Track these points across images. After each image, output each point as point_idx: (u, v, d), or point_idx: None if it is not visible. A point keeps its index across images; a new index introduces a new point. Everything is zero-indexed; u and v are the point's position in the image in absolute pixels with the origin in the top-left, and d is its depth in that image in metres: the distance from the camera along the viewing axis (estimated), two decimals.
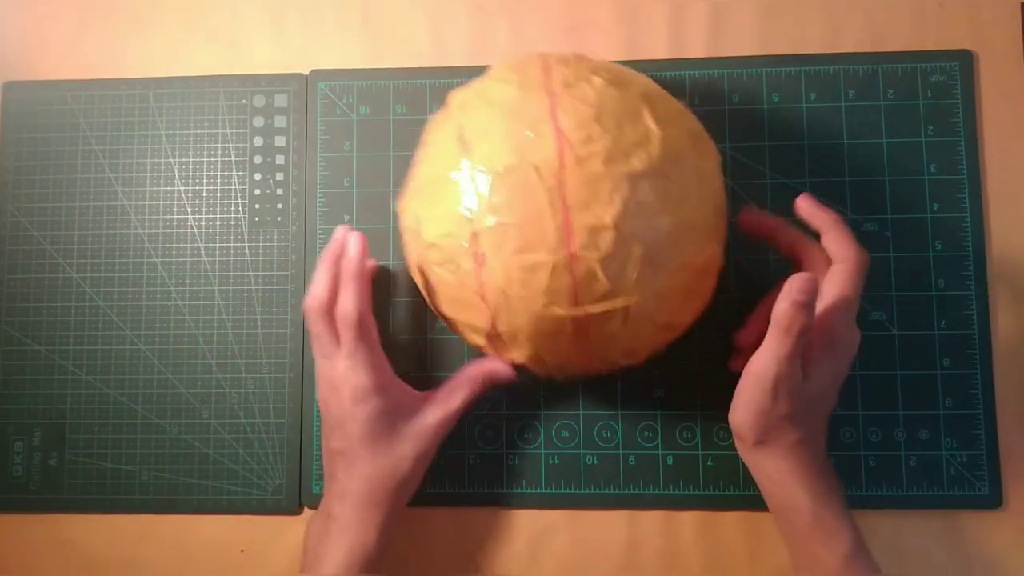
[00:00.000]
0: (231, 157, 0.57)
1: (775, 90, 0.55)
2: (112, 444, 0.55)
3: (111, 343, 0.56)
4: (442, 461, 0.53)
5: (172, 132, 0.57)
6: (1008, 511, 0.52)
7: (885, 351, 0.53)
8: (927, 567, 0.51)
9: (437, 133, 0.47)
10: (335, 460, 0.48)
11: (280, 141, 0.57)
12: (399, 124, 0.56)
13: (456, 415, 0.49)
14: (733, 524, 0.52)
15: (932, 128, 0.54)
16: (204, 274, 0.56)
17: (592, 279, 0.42)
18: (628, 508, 0.53)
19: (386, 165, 0.56)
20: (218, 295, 0.56)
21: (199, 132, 0.57)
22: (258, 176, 0.57)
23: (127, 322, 0.56)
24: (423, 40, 0.57)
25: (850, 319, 0.46)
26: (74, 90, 0.58)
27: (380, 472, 0.46)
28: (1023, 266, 0.53)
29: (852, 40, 0.55)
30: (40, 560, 0.54)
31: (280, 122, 0.57)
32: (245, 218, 0.56)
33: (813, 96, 0.55)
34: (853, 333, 0.46)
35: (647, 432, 0.53)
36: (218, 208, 0.56)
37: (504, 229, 0.42)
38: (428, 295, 0.48)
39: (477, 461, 0.53)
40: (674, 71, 0.55)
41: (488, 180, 0.42)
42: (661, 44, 0.56)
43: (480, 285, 0.43)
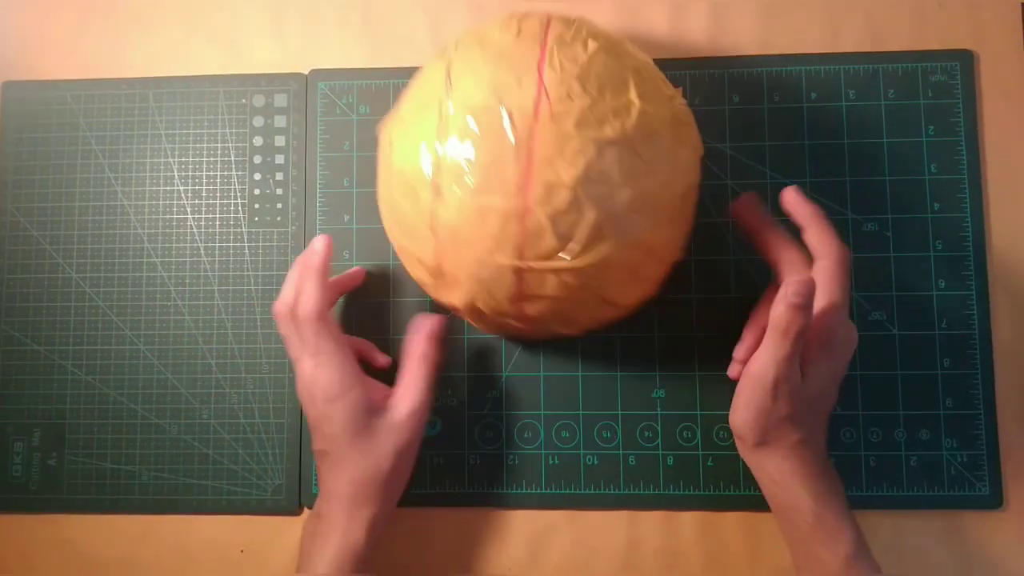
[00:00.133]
0: (231, 157, 0.57)
1: (775, 90, 0.55)
2: (112, 444, 0.55)
3: (111, 343, 0.56)
4: (442, 461, 0.53)
5: (172, 132, 0.57)
6: (1008, 511, 0.52)
7: (885, 351, 0.53)
8: (927, 567, 0.51)
9: (429, 67, 0.47)
10: (321, 460, 0.48)
11: (280, 141, 0.57)
12: None
13: (424, 400, 0.48)
14: (733, 524, 0.52)
15: (932, 128, 0.54)
16: (204, 274, 0.56)
17: (540, 234, 0.42)
18: (628, 508, 0.53)
19: None
20: (218, 295, 0.56)
21: (199, 132, 0.57)
22: (258, 176, 0.57)
23: (127, 322, 0.56)
24: (423, 40, 0.57)
25: (844, 316, 0.46)
26: (74, 90, 0.58)
27: (362, 471, 0.46)
28: (1023, 266, 0.53)
29: (852, 40, 0.55)
30: (40, 560, 0.54)
31: (280, 122, 0.57)
32: (245, 218, 0.56)
33: (813, 96, 0.55)
34: (849, 331, 0.46)
35: (647, 432, 0.53)
36: (218, 208, 0.56)
37: (466, 166, 0.42)
38: (386, 221, 0.49)
39: (477, 461, 0.53)
40: (674, 71, 0.55)
41: (461, 116, 0.43)
42: (661, 44, 0.56)
43: (433, 218, 0.44)
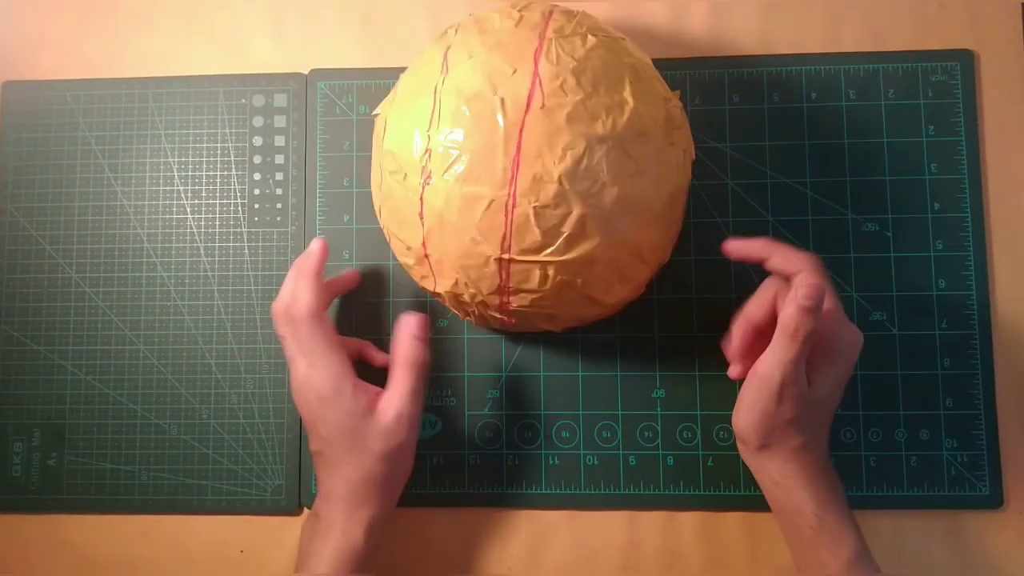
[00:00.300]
0: (230, 157, 0.57)
1: (775, 90, 0.55)
2: (112, 444, 0.55)
3: (111, 343, 0.55)
4: (442, 461, 0.53)
5: (172, 132, 0.57)
6: (1008, 511, 0.52)
7: (885, 351, 0.53)
8: (928, 567, 0.51)
9: (428, 49, 0.47)
10: (317, 461, 0.48)
11: (280, 141, 0.57)
12: None
13: (411, 403, 0.47)
14: (733, 525, 0.52)
15: (933, 128, 0.54)
16: (204, 274, 0.56)
17: (525, 227, 0.42)
18: (628, 508, 0.53)
19: None
20: (217, 295, 0.56)
21: (198, 132, 0.57)
22: (258, 176, 0.57)
23: (127, 322, 0.56)
24: (423, 40, 0.57)
25: (845, 320, 0.46)
26: (73, 90, 0.58)
27: (357, 473, 0.46)
28: (1023, 266, 0.53)
29: (852, 40, 0.55)
30: (40, 560, 0.54)
31: (280, 122, 0.57)
32: (245, 218, 0.56)
33: (813, 96, 0.55)
34: (853, 334, 0.46)
35: (647, 432, 0.53)
36: (217, 208, 0.56)
37: (456, 153, 0.42)
38: (376, 203, 0.49)
39: (477, 461, 0.53)
40: (674, 70, 0.55)
41: (455, 102, 0.43)
42: (661, 44, 0.56)
43: (421, 203, 0.44)
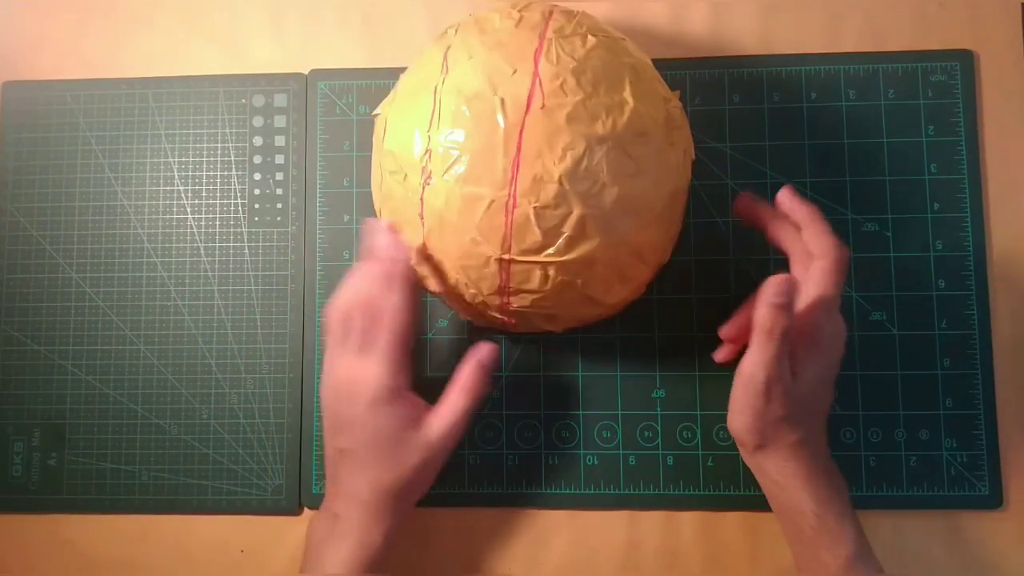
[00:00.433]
0: (231, 157, 0.57)
1: (775, 90, 0.55)
2: (112, 444, 0.55)
3: (111, 343, 0.55)
4: None
5: (172, 132, 0.57)
6: (1008, 511, 0.52)
7: (885, 351, 0.53)
8: (927, 567, 0.51)
9: (428, 49, 0.47)
10: (341, 459, 0.47)
11: (280, 141, 0.57)
12: None
13: (460, 427, 0.47)
14: (733, 524, 0.52)
15: (932, 128, 0.54)
16: (204, 274, 0.56)
17: (525, 228, 0.42)
18: (628, 508, 0.53)
19: None
20: (218, 295, 0.56)
21: (199, 132, 0.57)
22: (258, 176, 0.57)
23: (127, 322, 0.56)
24: (423, 40, 0.57)
25: (832, 313, 0.46)
26: (74, 90, 0.58)
27: (388, 481, 0.46)
28: (1023, 266, 0.53)
29: (852, 40, 0.55)
30: (40, 560, 0.54)
31: (280, 122, 0.57)
32: (245, 218, 0.56)
33: (813, 96, 0.55)
34: (837, 326, 0.46)
35: (647, 432, 0.53)
36: (218, 208, 0.56)
37: (456, 153, 0.42)
38: (376, 202, 0.49)
39: (477, 461, 0.53)
40: (674, 70, 0.55)
41: (454, 102, 0.43)
42: (661, 44, 0.56)
43: (421, 203, 0.44)
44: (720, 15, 0.56)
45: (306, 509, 0.54)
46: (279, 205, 0.56)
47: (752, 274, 0.53)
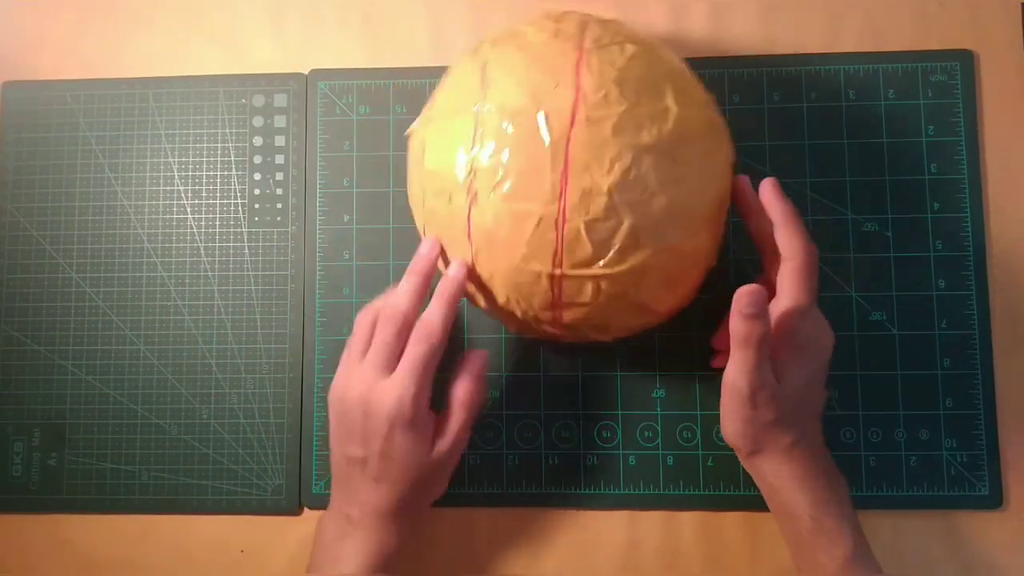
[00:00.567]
0: (231, 157, 0.57)
1: (775, 90, 0.55)
2: (112, 444, 0.55)
3: (111, 343, 0.55)
4: None
5: (172, 132, 0.57)
6: (1008, 511, 0.52)
7: (885, 351, 0.53)
8: (927, 567, 0.51)
9: (462, 65, 0.46)
10: (353, 467, 0.46)
11: (280, 141, 0.57)
12: (399, 124, 0.56)
13: (462, 443, 0.47)
14: (733, 524, 0.52)
15: (932, 128, 0.54)
16: (204, 274, 0.56)
17: (576, 242, 0.42)
18: (628, 508, 0.53)
19: (386, 165, 0.56)
20: (218, 295, 0.56)
21: (199, 132, 0.57)
22: (258, 176, 0.57)
23: (127, 322, 0.56)
24: (423, 40, 0.57)
25: (810, 317, 0.45)
26: (74, 90, 0.58)
27: (403, 493, 0.46)
28: (1023, 266, 0.53)
29: (852, 40, 0.55)
30: (40, 560, 0.54)
31: (280, 122, 0.57)
32: (245, 218, 0.56)
33: (813, 96, 0.55)
34: (818, 328, 0.46)
35: (647, 432, 0.53)
36: (218, 208, 0.56)
37: (501, 171, 0.42)
38: (418, 221, 0.48)
39: (477, 461, 0.53)
40: None
41: (497, 119, 0.42)
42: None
43: (468, 222, 0.43)
44: (720, 15, 0.56)
45: (306, 509, 0.54)
46: (279, 205, 0.56)
47: (752, 274, 0.53)
